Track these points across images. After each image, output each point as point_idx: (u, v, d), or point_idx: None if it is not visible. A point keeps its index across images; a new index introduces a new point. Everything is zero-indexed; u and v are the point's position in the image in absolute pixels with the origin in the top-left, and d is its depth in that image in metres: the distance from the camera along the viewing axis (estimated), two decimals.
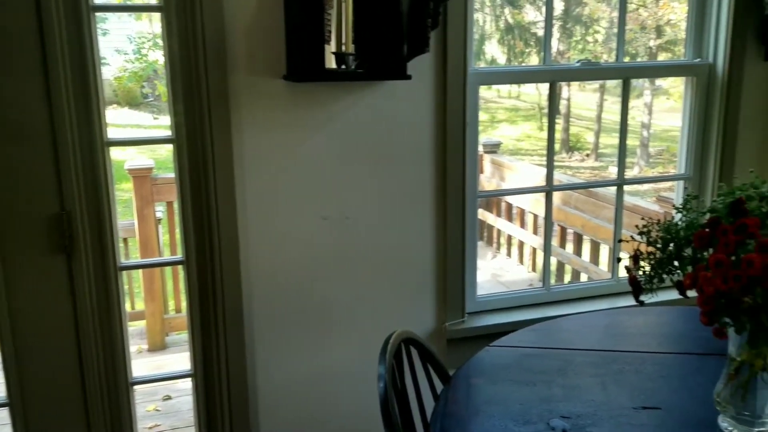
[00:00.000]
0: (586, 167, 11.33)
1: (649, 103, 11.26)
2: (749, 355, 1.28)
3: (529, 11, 10.79)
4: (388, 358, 1.53)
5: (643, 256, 1.38)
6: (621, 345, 1.77)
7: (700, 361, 1.65)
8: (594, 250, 4.59)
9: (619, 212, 2.65)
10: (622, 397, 1.49)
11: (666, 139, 11.80)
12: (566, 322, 1.98)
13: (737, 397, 1.31)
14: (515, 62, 10.85)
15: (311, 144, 2.15)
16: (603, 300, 2.60)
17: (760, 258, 1.13)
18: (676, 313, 1.94)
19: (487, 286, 4.58)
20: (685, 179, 2.69)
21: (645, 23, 9.78)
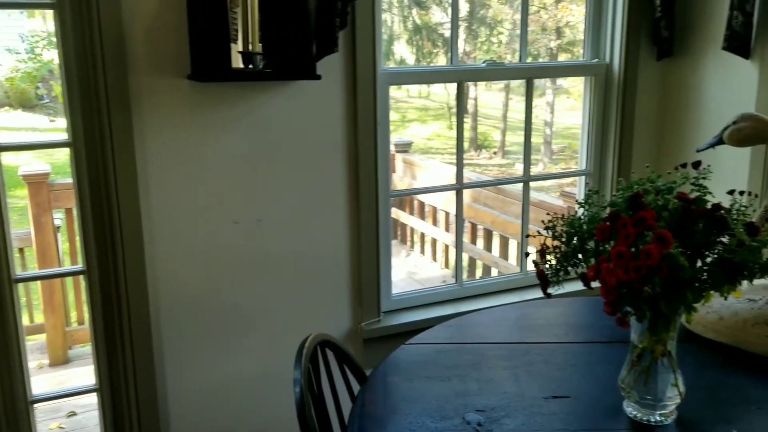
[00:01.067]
0: (494, 165, 11.64)
1: (551, 102, 11.70)
2: (650, 341, 1.35)
3: (435, 12, 10.97)
4: (303, 362, 1.51)
5: (550, 250, 1.42)
6: (531, 337, 1.82)
7: (605, 349, 1.72)
8: (503, 246, 4.71)
9: (526, 208, 2.74)
10: (534, 387, 1.53)
11: (568, 137, 12.29)
12: (479, 316, 2.02)
13: (640, 383, 1.37)
14: (424, 62, 11.01)
15: (219, 146, 2.10)
16: (513, 293, 2.67)
17: (657, 249, 1.19)
18: (582, 303, 2.02)
19: (402, 285, 4.62)
20: (586, 175, 2.80)
21: (546, 25, 10.15)
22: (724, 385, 1.55)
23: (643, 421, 1.38)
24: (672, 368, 1.36)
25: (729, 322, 1.66)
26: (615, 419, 1.41)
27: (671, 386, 1.36)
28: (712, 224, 1.25)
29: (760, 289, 1.65)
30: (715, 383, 1.56)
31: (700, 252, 1.26)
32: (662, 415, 1.38)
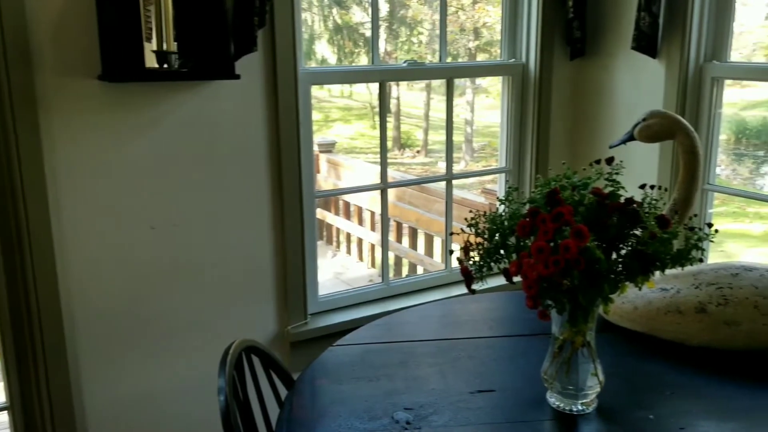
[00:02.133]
0: (417, 163, 11.76)
1: (471, 101, 11.92)
2: (570, 333, 1.39)
3: (356, 12, 10.98)
4: (228, 370, 1.47)
5: (473, 246, 1.44)
6: (457, 333, 1.84)
7: (528, 342, 1.76)
8: (428, 243, 4.77)
9: (450, 206, 2.77)
10: (460, 383, 1.55)
11: (488, 135, 12.55)
12: (406, 314, 2.03)
13: (562, 373, 1.41)
14: (345, 62, 11.00)
15: (134, 149, 2.02)
16: (439, 290, 2.70)
17: (575, 243, 1.22)
18: (505, 298, 2.06)
19: (329, 285, 4.59)
20: (506, 172, 2.87)
21: (464, 26, 10.33)
22: (640, 372, 1.62)
23: (566, 411, 1.42)
24: (591, 358, 1.40)
25: (643, 311, 1.73)
26: (539, 410, 1.44)
27: (591, 375, 1.40)
28: (625, 218, 1.30)
29: (672, 278, 1.73)
30: (632, 371, 1.63)
31: (615, 245, 1.31)
32: (584, 404, 1.42)
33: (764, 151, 10.56)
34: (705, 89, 2.47)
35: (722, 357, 1.64)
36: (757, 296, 1.60)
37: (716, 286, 1.66)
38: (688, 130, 1.76)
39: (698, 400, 1.49)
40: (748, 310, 1.60)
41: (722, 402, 1.48)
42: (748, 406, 1.46)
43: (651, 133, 1.82)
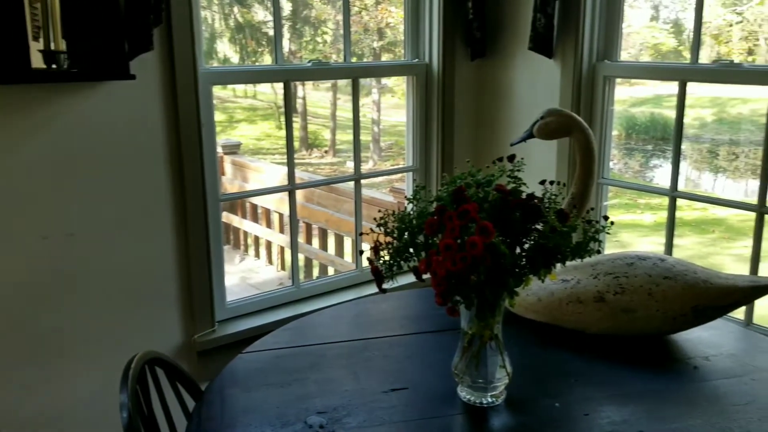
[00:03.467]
0: (325, 163, 11.72)
1: (378, 100, 12.01)
2: (478, 327, 1.42)
3: (258, 11, 10.80)
4: (130, 384, 1.40)
5: (383, 246, 1.44)
6: (369, 332, 1.84)
7: (439, 338, 1.78)
8: (339, 244, 4.75)
9: (359, 205, 2.77)
10: (373, 382, 1.55)
11: (394, 134, 12.68)
12: (317, 317, 2.01)
13: (471, 367, 1.44)
14: (249, 61, 10.81)
15: (23, 154, 1.89)
16: (350, 291, 2.70)
17: (480, 239, 1.25)
18: (415, 295, 2.08)
19: (237, 291, 4.48)
20: (413, 171, 2.90)
21: (368, 26, 10.39)
22: (545, 362, 1.67)
23: (477, 404, 1.45)
24: (499, 351, 1.44)
25: (546, 302, 1.79)
26: (450, 405, 1.46)
27: (500, 368, 1.44)
28: (527, 213, 1.34)
29: (572, 270, 1.79)
30: (538, 361, 1.68)
31: (518, 240, 1.34)
32: (493, 396, 1.45)
33: (652, 145, 11.23)
34: (598, 88, 2.59)
35: (620, 343, 1.72)
36: (650, 284, 1.69)
37: (613, 276, 1.74)
38: (583, 127, 1.84)
39: (600, 387, 1.55)
40: (643, 297, 1.68)
41: (621, 387, 1.55)
42: (644, 390, 1.53)
43: (549, 130, 1.89)
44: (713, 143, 10.88)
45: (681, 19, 11.82)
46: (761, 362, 1.66)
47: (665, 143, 10.59)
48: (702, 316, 1.67)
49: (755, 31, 10.92)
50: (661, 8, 12.04)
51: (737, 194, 9.55)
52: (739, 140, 10.83)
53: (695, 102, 10.64)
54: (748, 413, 1.42)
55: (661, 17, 12.30)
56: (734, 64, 2.46)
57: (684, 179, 9.80)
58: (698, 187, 10.00)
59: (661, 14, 12.28)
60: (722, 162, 10.64)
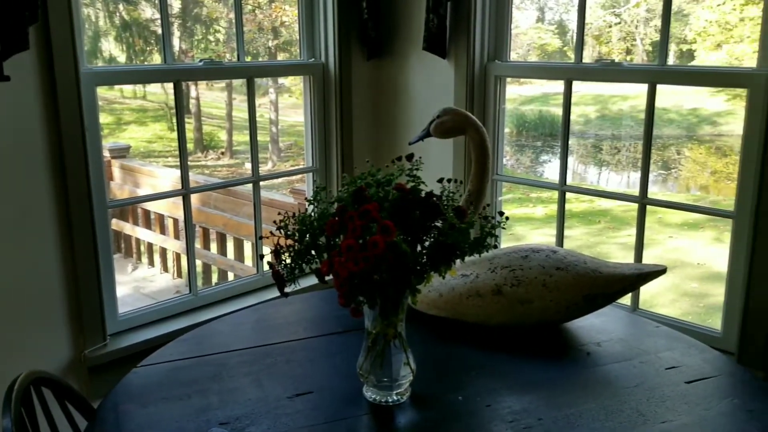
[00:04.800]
0: (222, 165, 11.43)
1: (275, 100, 11.85)
2: (382, 326, 1.42)
3: (145, 8, 10.39)
4: (13, 408, 1.30)
5: (283, 249, 1.42)
6: (272, 338, 1.80)
7: (343, 339, 1.77)
8: (238, 248, 4.64)
9: (258, 208, 2.71)
10: (277, 389, 1.52)
11: (293, 134, 12.56)
12: (217, 324, 1.95)
13: (376, 366, 1.44)
14: (137, 61, 10.37)
15: None
16: (252, 296, 2.64)
17: (382, 239, 1.25)
18: (318, 297, 2.06)
19: (131, 302, 4.28)
20: (313, 172, 2.87)
21: (262, 24, 10.22)
22: (448, 356, 1.70)
23: (382, 403, 1.45)
24: (403, 348, 1.44)
25: (447, 297, 1.83)
26: (356, 406, 1.46)
27: (404, 365, 1.45)
28: (427, 211, 1.35)
29: (471, 265, 1.83)
30: (441, 356, 1.70)
31: (419, 238, 1.36)
32: (398, 394, 1.46)
33: (541, 141, 11.74)
34: (490, 87, 2.66)
35: (519, 334, 1.78)
36: (544, 275, 1.75)
37: (509, 269, 1.79)
38: (478, 126, 1.88)
39: (501, 377, 1.60)
40: (537, 288, 1.75)
41: (521, 377, 1.60)
42: (542, 378, 1.59)
43: (445, 129, 1.92)
44: (597, 138, 11.52)
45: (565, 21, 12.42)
46: (648, 345, 1.76)
47: (553, 139, 11.10)
48: (593, 304, 1.75)
49: (632, 32, 11.64)
50: (546, 10, 12.60)
51: (620, 186, 10.16)
52: (620, 135, 11.52)
53: (580, 99, 11.23)
54: (637, 395, 1.50)
55: (546, 19, 12.87)
56: (615, 63, 2.60)
57: (572, 173, 10.31)
58: (585, 181, 10.55)
59: (546, 16, 12.85)
60: (606, 156, 11.28)
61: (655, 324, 1.90)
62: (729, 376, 1.61)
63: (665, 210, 7.19)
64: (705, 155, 10.56)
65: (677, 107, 10.89)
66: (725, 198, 8.62)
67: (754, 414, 1.42)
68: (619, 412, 1.43)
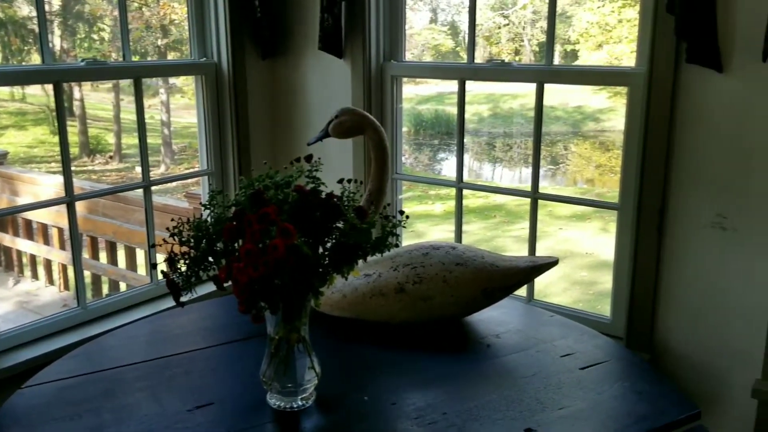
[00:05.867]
0: (111, 170, 10.91)
1: (166, 101, 11.44)
2: (285, 331, 1.39)
3: (22, 5, 9.74)
4: None
5: (178, 257, 1.36)
6: (169, 349, 1.73)
7: (244, 347, 1.72)
8: (130, 257, 4.44)
9: (150, 214, 2.60)
10: (176, 402, 1.46)
11: (187, 136, 12.18)
12: (110, 338, 1.85)
13: (280, 372, 1.41)
14: (14, 61, 9.71)
15: None
16: (146, 306, 2.52)
17: (282, 242, 1.22)
18: (217, 305, 2.00)
19: (14, 318, 4.01)
20: (209, 175, 2.78)
21: (150, 22, 9.84)
22: (354, 357, 1.70)
23: (287, 409, 1.42)
24: (307, 352, 1.42)
25: (351, 298, 1.82)
26: (260, 414, 1.42)
27: (309, 369, 1.43)
28: (328, 212, 1.34)
29: (373, 264, 1.84)
30: (346, 357, 1.70)
31: (320, 239, 1.34)
32: (303, 399, 1.44)
33: (438, 140, 11.99)
34: (386, 87, 2.68)
35: (422, 331, 1.80)
36: (445, 272, 1.78)
37: (411, 267, 1.80)
38: (376, 125, 1.89)
39: (405, 375, 1.61)
40: (438, 285, 1.77)
41: (425, 373, 1.62)
42: (445, 373, 1.61)
43: (343, 129, 1.91)
44: (491, 136, 11.90)
45: (457, 22, 12.75)
46: (543, 335, 1.82)
47: (450, 138, 11.37)
48: (491, 298, 1.80)
49: (520, 33, 12.10)
50: (438, 11, 12.89)
51: (513, 181, 10.55)
52: (512, 132, 11.96)
53: (473, 98, 11.56)
54: (535, 383, 1.55)
55: (439, 20, 13.16)
56: (505, 63, 2.69)
57: (468, 170, 10.60)
58: (481, 177, 10.89)
59: (439, 17, 13.14)
60: (499, 153, 11.69)
61: (549, 314, 1.98)
62: (619, 360, 1.70)
63: (555, 203, 7.54)
64: (590, 150, 11.15)
65: (563, 105, 11.44)
66: (609, 190, 9.14)
67: (643, 396, 1.51)
68: (519, 401, 1.47)
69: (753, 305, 1.97)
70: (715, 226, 2.00)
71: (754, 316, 1.97)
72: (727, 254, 2.00)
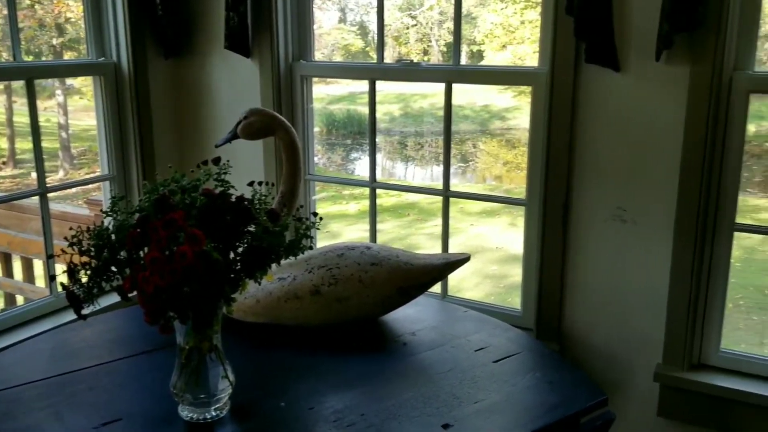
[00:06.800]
0: (5, 177, 10.28)
1: (63, 102, 10.88)
2: (196, 340, 1.35)
3: None
4: None
5: (78, 267, 1.29)
6: (72, 365, 1.64)
7: (154, 359, 1.66)
8: (27, 268, 4.19)
9: (47, 223, 2.45)
10: (80, 420, 1.39)
11: (87, 139, 11.63)
12: (7, 355, 1.74)
13: (192, 383, 1.36)
14: None
15: None
16: (47, 320, 2.37)
17: (190, 248, 1.18)
18: (123, 316, 1.91)
19: None
20: (110, 180, 2.66)
21: (44, 21, 9.33)
22: (268, 363, 1.67)
23: (200, 421, 1.38)
24: (220, 361, 1.38)
25: (265, 302, 1.79)
26: (172, 427, 1.37)
27: (222, 379, 1.39)
28: (238, 216, 1.30)
29: (287, 267, 1.81)
30: (261, 363, 1.66)
31: (231, 244, 1.30)
32: (217, 409, 1.40)
33: (351, 140, 12.01)
34: (296, 87, 2.64)
35: (339, 332, 1.79)
36: (360, 272, 1.78)
37: (326, 268, 1.79)
38: (286, 126, 1.86)
39: (323, 378, 1.59)
40: (354, 285, 1.77)
41: (342, 375, 1.61)
42: (363, 373, 1.61)
43: (253, 130, 1.88)
44: (402, 135, 12.04)
45: (366, 22, 12.81)
46: (458, 330, 1.86)
47: (362, 137, 11.40)
48: (407, 296, 1.81)
49: (428, 34, 12.30)
50: (347, 11, 12.90)
51: (425, 179, 10.71)
52: (423, 132, 12.14)
53: (384, 98, 11.64)
54: (451, 378, 1.57)
55: (348, 20, 13.18)
56: (414, 63, 2.71)
57: (381, 169, 10.67)
58: (393, 176, 10.98)
59: (348, 17, 13.15)
60: (411, 152, 11.84)
61: (463, 309, 2.02)
62: (530, 351, 1.75)
63: (466, 200, 7.71)
64: (497, 148, 11.48)
65: (471, 104, 11.71)
66: (517, 186, 9.43)
67: (554, 385, 1.56)
68: (435, 397, 1.48)
69: (652, 293, 2.07)
70: (615, 219, 2.10)
71: (653, 304, 2.07)
72: (627, 245, 2.10)
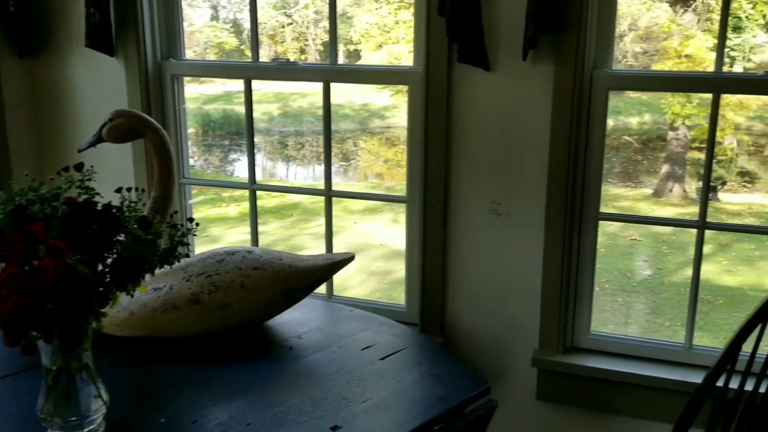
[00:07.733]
0: None
1: None
2: (63, 360, 1.25)
3: None
4: None
5: None
6: None
7: (16, 382, 1.53)
8: None
9: None
10: None
11: None
12: None
13: (61, 406, 1.27)
14: None
15: None
16: None
17: (52, 262, 1.10)
18: None
19: None
20: None
21: None
22: (146, 378, 1.59)
23: None
24: (92, 380, 1.30)
25: (140, 314, 1.70)
26: None
27: (95, 399, 1.30)
28: (106, 225, 1.23)
29: (163, 276, 1.73)
30: (137, 379, 1.58)
31: (99, 255, 1.23)
32: (91, 431, 1.31)
33: (228, 140, 11.71)
34: (166, 86, 2.53)
35: (222, 341, 1.73)
36: (242, 277, 1.73)
37: (206, 275, 1.73)
38: (156, 128, 1.78)
39: (206, 389, 1.54)
40: (236, 291, 1.72)
41: (226, 385, 1.56)
42: (248, 381, 1.57)
43: (119, 133, 1.78)
44: (282, 135, 11.91)
45: (239, 20, 12.54)
46: (344, 330, 1.85)
47: (240, 138, 11.16)
48: (291, 298, 1.78)
49: (304, 33, 12.24)
50: (219, 8, 12.57)
51: (308, 179, 10.65)
52: (303, 131, 12.07)
53: (262, 97, 11.46)
54: (338, 379, 1.57)
55: (221, 17, 12.84)
56: (291, 62, 2.68)
57: (261, 170, 10.50)
58: (275, 176, 10.84)
59: (220, 14, 12.82)
60: (292, 152, 11.73)
61: (349, 308, 2.02)
62: (415, 346, 1.78)
63: (349, 198, 7.76)
64: (377, 146, 11.63)
65: (350, 103, 11.78)
66: (398, 183, 9.60)
67: (439, 378, 1.59)
68: (323, 400, 1.47)
69: (527, 282, 2.17)
70: (491, 213, 2.18)
71: (528, 293, 2.17)
72: (503, 237, 2.18)
